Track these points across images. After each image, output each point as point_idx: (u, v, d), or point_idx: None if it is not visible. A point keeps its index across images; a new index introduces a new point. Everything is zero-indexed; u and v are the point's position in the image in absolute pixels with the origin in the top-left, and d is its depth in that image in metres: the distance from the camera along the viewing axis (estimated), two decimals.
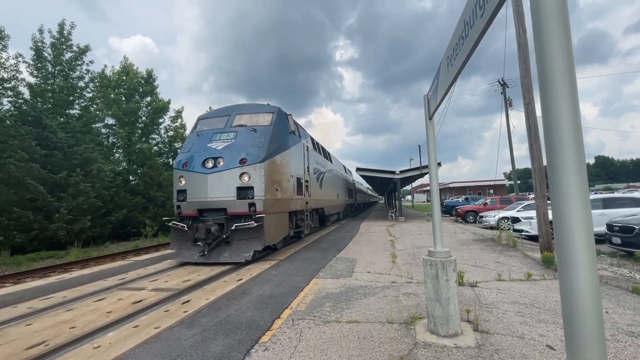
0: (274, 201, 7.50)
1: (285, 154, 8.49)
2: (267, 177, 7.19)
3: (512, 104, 24.68)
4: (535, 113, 6.96)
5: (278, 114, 8.52)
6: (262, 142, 7.45)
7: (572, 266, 1.05)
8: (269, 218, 7.20)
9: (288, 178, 8.56)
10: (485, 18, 1.70)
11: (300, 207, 9.71)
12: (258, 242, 7.02)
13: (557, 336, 3.15)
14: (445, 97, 2.98)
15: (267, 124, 8.10)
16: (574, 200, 1.05)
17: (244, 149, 7.34)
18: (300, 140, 10.22)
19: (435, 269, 3.24)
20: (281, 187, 7.98)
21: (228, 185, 7.06)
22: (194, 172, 7.37)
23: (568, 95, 1.07)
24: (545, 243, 6.66)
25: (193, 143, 8.02)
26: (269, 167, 7.37)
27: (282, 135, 8.50)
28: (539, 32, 1.13)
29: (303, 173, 10.21)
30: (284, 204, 8.22)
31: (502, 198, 19.49)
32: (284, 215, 8.36)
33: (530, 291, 4.58)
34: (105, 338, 3.44)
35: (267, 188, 7.18)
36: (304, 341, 3.21)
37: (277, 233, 7.88)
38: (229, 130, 7.97)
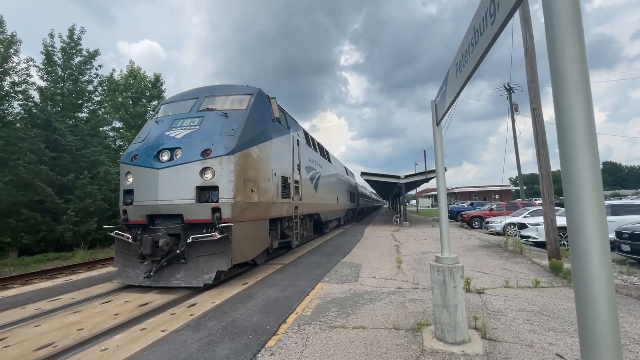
0: (247, 205, 5.86)
1: (265, 147, 6.77)
2: (238, 174, 5.59)
3: (518, 109, 24.57)
4: (543, 118, 6.92)
5: (257, 97, 6.88)
6: (233, 130, 5.83)
7: (587, 274, 1.05)
8: (239, 227, 5.60)
9: (269, 176, 6.86)
10: (496, 26, 1.71)
11: (287, 212, 8.03)
12: (223, 260, 5.38)
13: (566, 345, 3.11)
14: (453, 103, 2.98)
15: (242, 108, 6.48)
16: (589, 208, 1.05)
17: (209, 137, 5.71)
18: (288, 132, 8.48)
19: (442, 275, 3.22)
20: (258, 188, 6.31)
21: (185, 184, 5.44)
22: (143, 167, 5.75)
23: (582, 102, 1.08)
24: (553, 250, 6.58)
25: (149, 131, 6.46)
26: (242, 161, 5.76)
27: (262, 122, 6.83)
28: (552, 39, 1.14)
29: (292, 171, 8.48)
30: (263, 209, 6.55)
31: (508, 204, 19.34)
32: (263, 223, 6.68)
33: (538, 299, 4.52)
34: (112, 340, 3.46)
35: (238, 188, 5.57)
36: (310, 346, 3.20)
37: (251, 246, 6.24)
38: (193, 116, 6.36)
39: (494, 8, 1.73)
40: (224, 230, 5.29)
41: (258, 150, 6.43)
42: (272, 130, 7.29)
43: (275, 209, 7.21)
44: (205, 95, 6.97)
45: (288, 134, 8.48)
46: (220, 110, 6.38)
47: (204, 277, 5.30)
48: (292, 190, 8.42)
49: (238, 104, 6.67)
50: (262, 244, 6.78)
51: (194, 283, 5.29)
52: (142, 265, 5.65)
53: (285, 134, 8.20)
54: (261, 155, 6.57)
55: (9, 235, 12.49)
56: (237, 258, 5.58)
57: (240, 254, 5.70)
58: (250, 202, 6.00)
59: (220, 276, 5.67)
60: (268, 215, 6.90)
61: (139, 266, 5.68)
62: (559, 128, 1.12)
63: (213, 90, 7.19)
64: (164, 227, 5.57)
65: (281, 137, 7.87)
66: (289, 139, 8.50)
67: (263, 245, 6.80)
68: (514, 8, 1.55)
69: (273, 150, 7.19)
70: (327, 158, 14.40)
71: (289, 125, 8.78)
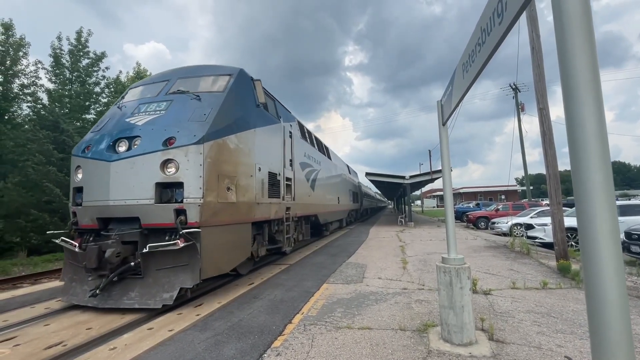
0: (221, 207, 4.88)
1: (246, 136, 5.70)
2: (209, 168, 4.63)
3: (524, 109, 24.38)
4: (550, 118, 6.85)
5: (238, 78, 5.93)
6: (205, 115, 4.91)
7: (598, 275, 1.04)
8: (211, 233, 4.64)
9: (251, 172, 5.79)
10: (504, 25, 1.70)
11: (276, 214, 6.90)
12: (188, 275, 4.42)
13: (575, 347, 3.07)
14: (459, 103, 2.97)
15: (218, 90, 5.56)
16: (601, 208, 1.04)
17: (175, 123, 4.81)
18: (277, 121, 7.41)
19: (449, 276, 3.21)
20: (237, 185, 5.28)
21: (142, 181, 4.53)
22: (93, 160, 4.84)
23: (593, 102, 1.07)
24: (561, 251, 6.51)
25: (109, 119, 5.56)
26: (214, 152, 4.78)
27: (243, 108, 5.83)
28: (562, 38, 1.13)
29: (282, 167, 7.38)
30: (243, 211, 5.48)
31: (515, 204, 19.16)
32: (243, 227, 5.57)
33: (546, 300, 4.48)
34: (120, 340, 3.50)
35: (209, 185, 4.63)
36: (316, 347, 3.20)
37: (228, 256, 5.17)
38: (161, 99, 5.41)
39: (502, 7, 1.72)
40: (189, 238, 4.28)
41: (237, 140, 5.36)
42: (257, 117, 6.21)
43: (259, 211, 6.08)
44: (178, 76, 6.03)
45: (277, 123, 7.43)
46: (193, 93, 5.39)
47: (164, 295, 4.33)
48: (283, 189, 7.37)
49: (214, 85, 5.71)
50: (243, 252, 5.63)
51: (150, 304, 4.29)
52: (91, 281, 4.65)
53: (273, 124, 7.12)
54: (241, 147, 5.49)
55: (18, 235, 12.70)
56: (207, 271, 4.57)
57: (211, 265, 4.68)
58: (226, 203, 4.99)
59: (186, 294, 4.76)
60: (250, 218, 5.75)
61: (87, 281, 4.69)
62: (569, 128, 1.11)
63: (188, 71, 6.22)
64: (116, 234, 4.54)
65: (268, 127, 6.82)
66: (278, 130, 7.42)
67: (244, 253, 5.65)
68: (522, 7, 1.54)
69: (257, 142, 6.11)
70: (326, 154, 13.38)
71: (279, 114, 7.73)
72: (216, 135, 4.87)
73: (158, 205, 4.48)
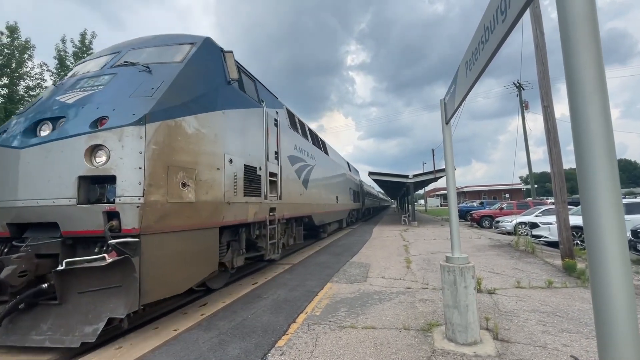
0: (173, 208, 3.79)
1: (211, 119, 4.62)
2: (154, 157, 3.59)
3: (528, 107, 24.21)
4: (554, 116, 6.80)
5: (202, 48, 4.97)
6: (152, 89, 3.94)
7: (605, 274, 1.03)
8: (157, 243, 3.60)
9: (218, 163, 4.63)
10: (507, 23, 1.69)
11: (256, 216, 5.71)
12: (121, 300, 3.28)
13: (581, 346, 3.05)
14: (463, 102, 2.96)
15: (175, 61, 4.59)
16: (607, 207, 1.03)
17: (112, 100, 3.84)
18: (258, 105, 6.29)
19: (453, 275, 3.19)
20: (197, 180, 4.19)
21: (60, 174, 3.52)
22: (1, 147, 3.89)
23: (598, 100, 1.06)
24: (566, 249, 6.46)
25: (41, 98, 4.61)
26: (163, 136, 3.73)
27: (208, 84, 4.78)
28: (567, 36, 1.12)
29: (264, 160, 6.20)
30: (206, 213, 4.35)
31: (519, 202, 19.06)
32: (207, 234, 4.42)
33: (551, 299, 4.45)
34: (126, 339, 3.53)
35: (154, 180, 3.56)
36: (320, 346, 3.21)
37: (183, 271, 4.00)
38: (104, 73, 4.44)
39: (505, 5, 1.71)
40: (122, 250, 3.20)
41: (197, 123, 4.28)
42: (228, 97, 5.11)
43: (231, 212, 4.91)
44: (131, 47, 5.07)
45: (258, 108, 6.29)
46: (143, 64, 4.40)
47: (85, 329, 3.18)
48: (266, 186, 6.21)
49: (171, 56, 4.72)
50: (207, 264, 4.44)
51: (65, 341, 3.15)
52: None
53: (252, 107, 5.99)
54: (203, 132, 4.39)
55: None
56: (152, 292, 3.50)
57: (158, 285, 3.60)
58: (180, 203, 3.90)
59: (120, 324, 3.50)
60: (217, 222, 4.60)
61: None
62: (574, 126, 1.11)
63: (143, 42, 5.24)
64: (27, 245, 3.52)
65: (245, 111, 5.66)
66: (259, 116, 6.24)
67: (209, 265, 4.48)
68: (526, 5, 1.53)
69: (229, 127, 5.00)
70: (322, 149, 12.27)
71: (260, 97, 6.60)
72: (166, 114, 3.82)
73: (81, 206, 3.43)
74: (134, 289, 3.27)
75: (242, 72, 5.99)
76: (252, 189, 5.65)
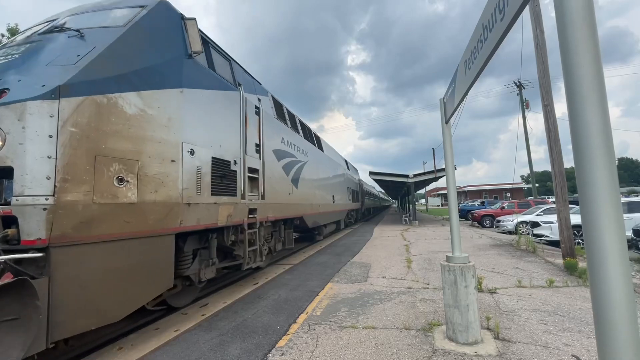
0: (103, 211, 2.99)
1: (164, 98, 3.76)
2: (73, 143, 2.84)
3: (528, 106, 24.14)
4: (555, 115, 6.79)
5: (154, 12, 4.09)
6: (78, 57, 3.15)
7: (604, 273, 1.03)
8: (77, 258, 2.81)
9: (172, 154, 3.75)
10: (505, 21, 1.69)
11: (230, 219, 4.79)
12: (18, 338, 2.36)
13: (582, 346, 3.04)
14: (462, 101, 2.95)
15: (117, 25, 3.72)
16: (605, 206, 1.02)
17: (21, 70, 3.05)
18: (233, 88, 5.36)
19: (453, 275, 3.19)
20: (141, 175, 3.35)
21: None
22: None
23: (597, 98, 1.05)
24: (567, 248, 6.45)
25: None
26: (87, 115, 2.96)
27: (160, 54, 3.89)
28: (564, 34, 1.12)
29: (240, 153, 5.29)
30: (154, 216, 3.46)
31: (520, 202, 19.02)
32: (155, 243, 3.51)
33: (552, 298, 4.44)
34: (127, 340, 3.54)
35: (73, 173, 2.82)
36: (320, 346, 3.21)
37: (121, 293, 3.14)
38: (29, 41, 3.58)
39: (504, 3, 1.71)
40: (20, 269, 2.48)
41: (141, 102, 3.40)
42: (188, 74, 4.21)
43: (193, 215, 3.96)
44: (69, 14, 4.22)
45: (233, 91, 5.34)
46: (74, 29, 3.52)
47: None
48: (243, 184, 5.26)
49: (113, 20, 3.86)
50: (157, 280, 3.47)
51: None
52: None
53: (224, 90, 5.06)
54: (151, 113, 3.50)
55: None
56: (69, 324, 2.71)
57: (80, 314, 2.79)
58: (115, 204, 3.07)
59: None
60: (171, 227, 3.62)
61: None
62: (573, 125, 1.10)
63: (88, 7, 4.34)
64: None
65: (213, 93, 4.73)
66: (233, 101, 5.30)
67: (159, 282, 3.50)
68: (524, 3, 1.53)
69: (189, 109, 4.10)
70: (316, 145, 11.30)
71: (236, 79, 5.64)
72: (93, 88, 3.02)
73: None
74: (36, 322, 2.40)
75: (213, 47, 5.11)
76: (224, 187, 4.77)
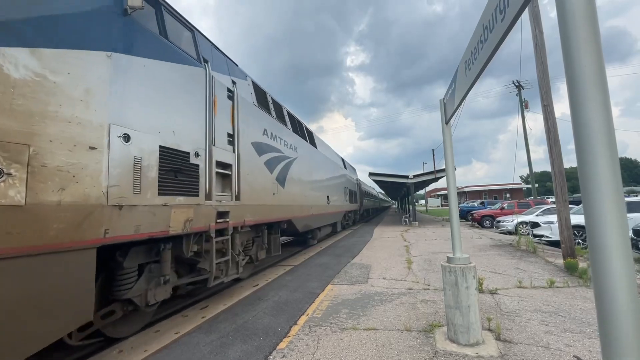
0: None
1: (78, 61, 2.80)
2: None
3: (528, 106, 24.18)
4: (554, 115, 6.79)
5: None
6: None
7: (607, 274, 1.02)
8: None
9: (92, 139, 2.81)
10: (506, 22, 1.69)
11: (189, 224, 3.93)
12: None
13: (584, 346, 3.03)
14: (462, 101, 2.95)
15: None
16: (609, 203, 1.02)
17: None
18: (195, 63, 4.51)
19: (454, 276, 3.18)
20: (35, 167, 2.41)
21: None
22: None
23: (599, 95, 1.05)
24: (567, 249, 6.44)
25: None
26: None
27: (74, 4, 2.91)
28: (566, 30, 1.12)
29: (205, 143, 4.45)
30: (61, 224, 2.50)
31: (520, 202, 19.01)
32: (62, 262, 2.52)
33: (553, 299, 4.43)
34: (127, 342, 3.52)
35: None
36: (321, 348, 3.19)
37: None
38: None
39: (504, 4, 1.71)
40: None
41: (38, 64, 2.55)
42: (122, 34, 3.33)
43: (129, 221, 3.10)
44: None
45: (196, 67, 4.50)
46: None
47: None
48: (208, 180, 4.39)
49: None
50: (64, 314, 2.57)
51: None
52: None
53: (182, 64, 4.21)
54: (56, 81, 2.64)
55: None
56: None
57: None
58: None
59: None
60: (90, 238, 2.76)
61: None
62: (575, 123, 1.10)
63: None
64: None
65: (164, 65, 3.87)
66: (195, 78, 4.45)
67: (69, 316, 2.60)
68: (525, 3, 1.53)
69: (121, 81, 3.22)
70: (307, 139, 10.17)
71: (200, 54, 4.78)
72: None
73: None
74: None
75: (168, 11, 4.22)
76: (181, 185, 3.85)
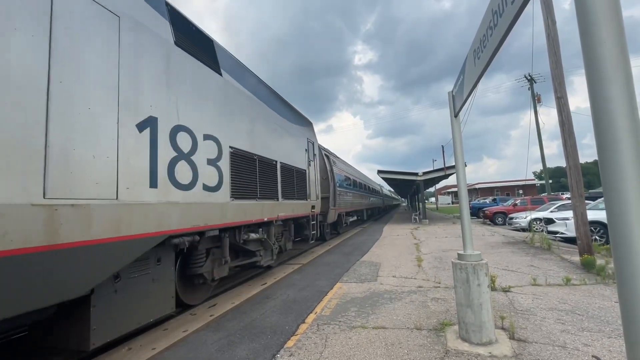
0: None
1: None
2: None
3: (540, 100, 23.60)
4: (569, 107, 6.57)
5: None
6: None
7: (632, 272, 0.94)
8: None
9: None
10: (516, 5, 1.60)
11: None
12: None
13: (603, 346, 2.91)
14: (471, 93, 2.85)
15: None
16: (633, 196, 0.94)
17: None
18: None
19: (465, 273, 3.09)
20: None
21: None
22: None
23: (621, 77, 0.97)
24: (584, 245, 6.23)
25: None
26: None
27: None
28: (583, 7, 1.04)
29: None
30: None
31: (534, 198, 18.57)
32: None
33: (570, 297, 4.28)
34: (136, 340, 3.53)
35: None
36: (329, 347, 3.15)
37: None
38: None
39: None
40: None
41: None
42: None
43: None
44: None
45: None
46: None
47: None
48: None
49: None
50: None
51: None
52: None
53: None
54: None
55: None
56: None
57: None
58: None
59: None
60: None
61: None
62: (594, 109, 1.01)
63: None
64: None
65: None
66: None
67: None
68: None
69: None
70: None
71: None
72: None
73: None
74: None
75: None
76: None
